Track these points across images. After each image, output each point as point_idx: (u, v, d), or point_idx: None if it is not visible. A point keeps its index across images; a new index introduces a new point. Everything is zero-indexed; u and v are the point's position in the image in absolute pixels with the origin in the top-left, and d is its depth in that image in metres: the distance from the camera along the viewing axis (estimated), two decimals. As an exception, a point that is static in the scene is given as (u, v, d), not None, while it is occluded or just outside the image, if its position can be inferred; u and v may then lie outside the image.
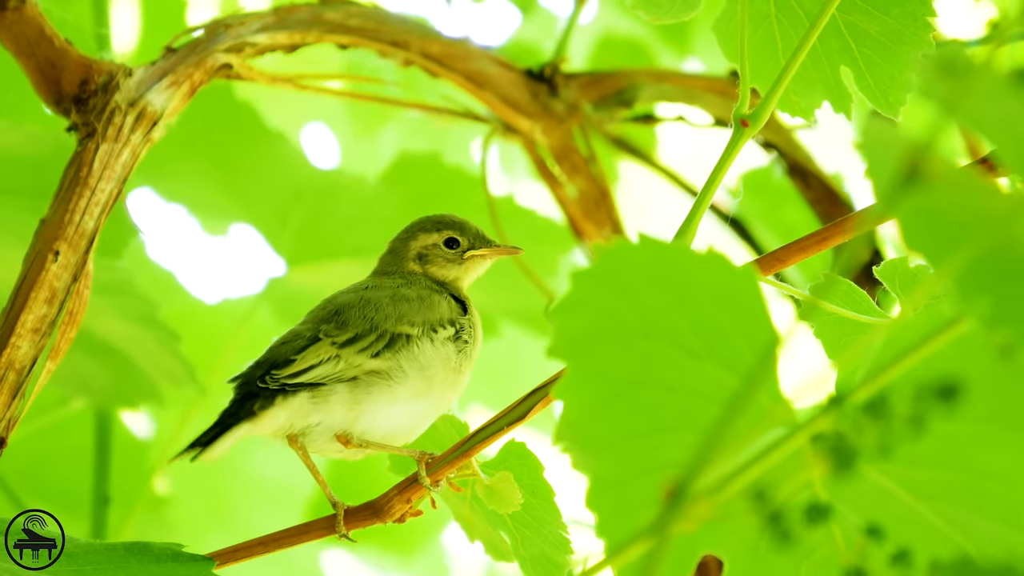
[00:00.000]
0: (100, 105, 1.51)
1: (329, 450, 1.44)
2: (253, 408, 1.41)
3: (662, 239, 0.91)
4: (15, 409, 1.41)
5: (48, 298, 1.43)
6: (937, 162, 0.79)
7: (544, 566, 1.37)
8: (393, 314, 1.46)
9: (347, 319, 1.46)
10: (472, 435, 1.35)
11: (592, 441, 0.92)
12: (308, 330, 1.46)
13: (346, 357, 1.43)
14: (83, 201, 1.46)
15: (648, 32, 2.54)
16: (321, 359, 1.42)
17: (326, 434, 1.42)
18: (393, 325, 1.45)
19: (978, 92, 0.81)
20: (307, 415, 1.42)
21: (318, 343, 1.43)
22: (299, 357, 1.42)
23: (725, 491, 0.85)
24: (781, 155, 2.03)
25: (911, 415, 0.83)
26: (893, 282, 1.31)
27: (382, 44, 1.74)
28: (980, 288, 0.78)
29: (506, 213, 2.03)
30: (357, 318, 1.46)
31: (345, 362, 1.43)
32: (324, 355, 1.43)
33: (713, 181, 1.27)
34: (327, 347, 1.43)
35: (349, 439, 1.41)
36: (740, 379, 0.91)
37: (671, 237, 1.27)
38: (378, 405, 1.42)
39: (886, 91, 1.36)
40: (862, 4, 1.35)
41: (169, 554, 1.27)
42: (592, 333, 0.91)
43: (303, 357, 1.42)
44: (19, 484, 2.09)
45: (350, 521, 1.40)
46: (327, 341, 1.43)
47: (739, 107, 1.27)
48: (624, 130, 2.12)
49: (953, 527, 0.93)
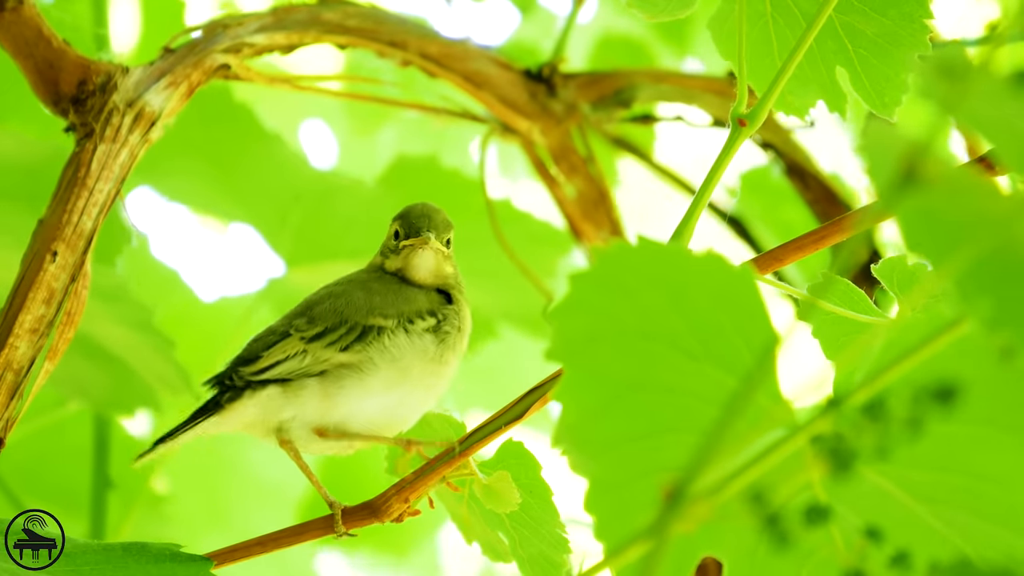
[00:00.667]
0: (98, 106, 1.50)
1: (313, 445, 1.45)
2: (219, 401, 1.44)
3: (660, 241, 0.91)
4: (13, 409, 1.41)
5: (46, 299, 1.43)
6: (935, 162, 0.79)
7: (542, 566, 1.36)
8: (365, 306, 1.47)
9: (317, 314, 1.47)
10: (469, 434, 1.35)
11: (591, 444, 0.91)
12: (281, 326, 1.48)
13: (313, 351, 1.44)
14: (81, 202, 1.46)
15: (648, 31, 2.54)
16: (288, 354, 1.44)
17: (304, 428, 1.44)
18: (364, 317, 1.46)
19: (977, 92, 0.81)
20: (280, 409, 1.43)
21: (287, 338, 1.45)
22: (266, 353, 1.44)
23: (724, 492, 0.84)
24: (779, 155, 2.03)
25: (910, 417, 0.83)
26: (891, 281, 1.31)
27: (380, 44, 1.74)
28: (981, 289, 0.78)
29: (504, 215, 2.03)
30: (327, 312, 1.47)
31: (312, 356, 1.44)
32: (291, 350, 1.44)
33: (710, 181, 1.27)
34: (295, 342, 1.45)
35: (325, 431, 1.43)
36: (739, 380, 0.91)
37: (670, 237, 1.27)
38: (350, 398, 1.44)
39: (882, 92, 1.36)
40: (859, 5, 1.35)
41: (167, 554, 1.27)
42: (590, 335, 0.91)
43: (270, 353, 1.44)
44: (17, 484, 2.09)
45: (348, 521, 1.40)
46: (296, 336, 1.45)
47: (736, 107, 1.27)
48: (623, 130, 2.12)
49: (952, 529, 0.93)
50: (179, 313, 2.36)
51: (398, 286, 1.51)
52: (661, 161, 2.18)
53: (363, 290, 1.50)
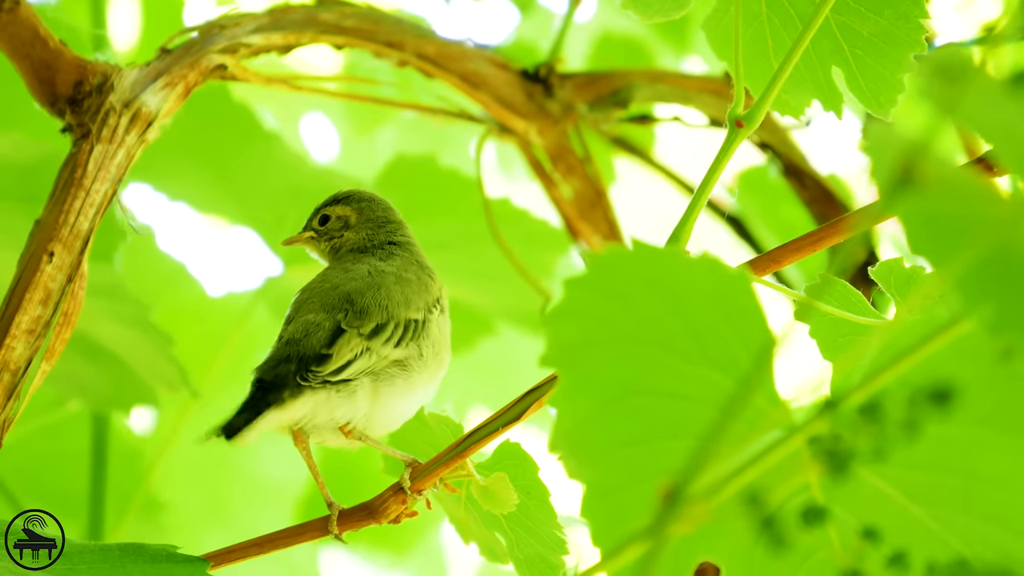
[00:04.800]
0: (95, 106, 1.50)
1: (332, 440, 1.40)
2: (283, 396, 1.35)
3: (655, 244, 0.91)
4: (10, 410, 1.41)
5: (43, 299, 1.43)
6: (934, 163, 0.79)
7: (539, 567, 1.36)
8: (402, 299, 1.43)
9: (364, 308, 1.41)
10: (467, 436, 1.35)
11: (587, 449, 0.91)
12: (324, 319, 1.40)
13: (375, 349, 1.39)
14: (78, 202, 1.46)
15: (647, 31, 2.54)
16: (355, 353, 1.38)
17: (333, 426, 1.38)
18: (405, 311, 1.42)
19: (976, 93, 0.81)
20: (332, 408, 1.37)
21: (344, 335, 1.39)
22: (334, 352, 1.37)
23: (721, 494, 0.84)
24: (776, 156, 2.03)
25: (907, 418, 0.83)
26: (888, 283, 1.31)
27: (377, 45, 1.73)
28: (982, 291, 0.77)
29: (502, 214, 2.03)
30: (373, 306, 1.41)
31: (376, 355, 1.38)
32: (356, 348, 1.38)
33: (708, 183, 1.27)
34: (356, 339, 1.39)
35: (351, 431, 1.38)
36: (736, 382, 0.91)
37: (668, 238, 1.27)
38: (397, 397, 1.39)
39: (877, 92, 1.35)
40: (855, 5, 1.35)
41: (164, 555, 1.27)
42: (586, 340, 0.90)
43: (338, 352, 1.37)
44: (16, 485, 2.09)
45: (345, 522, 1.39)
46: (353, 332, 1.39)
47: (734, 108, 1.27)
48: (621, 129, 2.12)
49: (949, 530, 0.93)
50: (177, 310, 2.36)
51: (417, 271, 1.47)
52: (660, 161, 2.18)
53: (395, 279, 1.45)
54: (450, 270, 2.03)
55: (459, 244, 2.15)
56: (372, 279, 1.44)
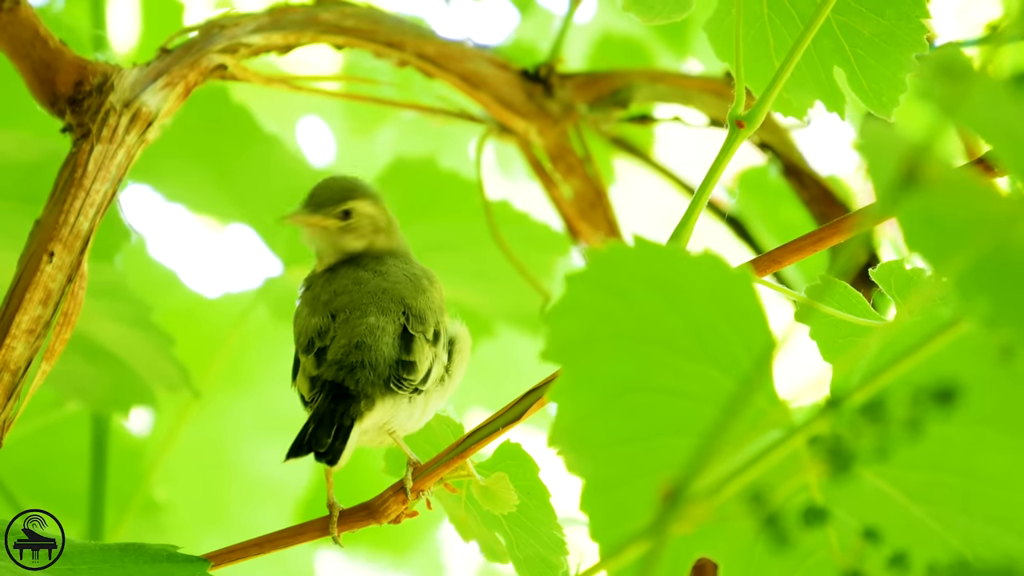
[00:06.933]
0: (95, 106, 1.50)
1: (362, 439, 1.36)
2: (361, 409, 1.32)
3: (656, 241, 0.91)
4: (10, 410, 1.41)
5: (43, 299, 1.43)
6: (936, 164, 0.79)
7: (539, 567, 1.37)
8: (437, 306, 1.40)
9: (420, 312, 1.39)
10: (467, 436, 1.35)
11: (587, 444, 0.91)
12: (386, 323, 1.36)
13: (440, 356, 1.38)
14: (78, 202, 1.46)
15: (647, 32, 2.54)
16: (430, 359, 1.36)
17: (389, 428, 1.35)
18: (443, 317, 1.40)
19: (977, 93, 0.81)
20: (397, 413, 1.35)
21: (415, 340, 1.36)
22: (415, 358, 1.35)
23: (722, 493, 0.84)
24: (776, 156, 2.03)
25: (908, 418, 0.83)
26: (889, 285, 1.31)
27: (377, 45, 1.73)
28: (980, 290, 0.78)
29: (502, 216, 2.03)
30: (427, 311, 1.39)
31: (440, 361, 1.38)
32: (429, 354, 1.36)
33: (708, 183, 1.27)
34: (427, 345, 1.37)
35: (393, 431, 1.36)
36: (736, 381, 0.91)
37: (668, 238, 1.27)
38: (438, 401, 1.39)
39: (879, 92, 1.36)
40: (856, 5, 1.35)
41: (164, 555, 1.27)
42: (586, 336, 0.91)
43: (421, 359, 1.35)
44: (16, 485, 2.09)
45: (345, 522, 1.39)
46: (420, 337, 1.37)
47: (734, 108, 1.27)
48: (621, 130, 2.12)
49: (950, 530, 0.93)
50: (176, 311, 2.36)
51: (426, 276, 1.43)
52: (660, 161, 2.18)
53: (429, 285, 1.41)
54: (450, 272, 2.03)
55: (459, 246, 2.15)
56: (413, 284, 1.41)
